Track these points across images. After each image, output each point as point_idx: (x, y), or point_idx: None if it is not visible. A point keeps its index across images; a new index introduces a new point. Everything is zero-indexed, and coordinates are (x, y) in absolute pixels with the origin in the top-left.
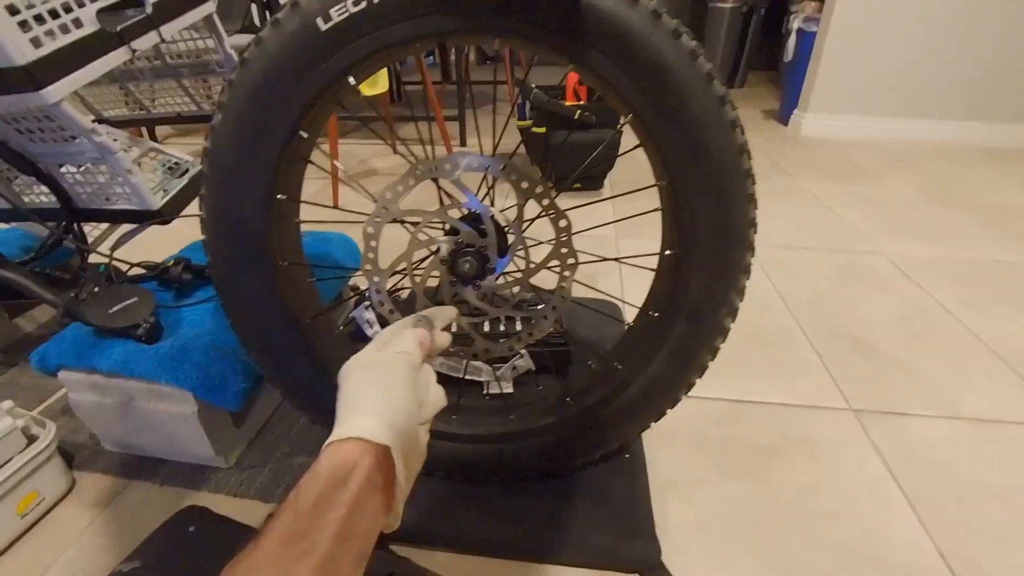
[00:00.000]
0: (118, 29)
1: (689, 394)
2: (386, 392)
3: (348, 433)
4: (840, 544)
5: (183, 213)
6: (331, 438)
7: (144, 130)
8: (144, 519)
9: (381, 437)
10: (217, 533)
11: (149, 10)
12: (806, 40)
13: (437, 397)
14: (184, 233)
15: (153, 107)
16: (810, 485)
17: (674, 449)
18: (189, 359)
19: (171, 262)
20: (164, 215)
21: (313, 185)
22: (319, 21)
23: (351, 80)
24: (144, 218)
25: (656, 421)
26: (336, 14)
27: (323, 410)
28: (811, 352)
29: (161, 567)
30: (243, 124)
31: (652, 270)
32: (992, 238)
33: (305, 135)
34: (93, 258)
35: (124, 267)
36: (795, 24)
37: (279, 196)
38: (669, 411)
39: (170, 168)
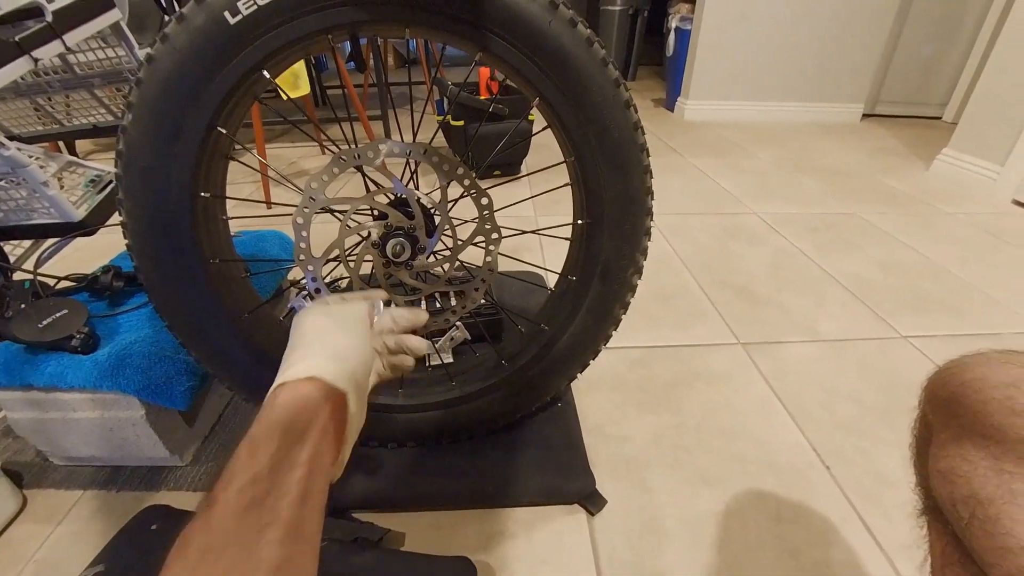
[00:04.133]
0: (16, 39)
1: (608, 345)
2: (346, 338)
3: (308, 372)
4: (740, 455)
5: (109, 223)
6: (283, 378)
7: (63, 147)
8: (104, 527)
9: (341, 382)
10: (181, 528)
11: (50, 18)
12: (683, 37)
13: (404, 362)
14: (115, 243)
15: (68, 121)
16: (712, 409)
17: (599, 394)
18: (130, 363)
19: (100, 271)
20: (88, 226)
21: (247, 187)
22: (227, 15)
23: (266, 74)
24: (68, 231)
25: (582, 372)
26: (244, 7)
27: None
28: (706, 300)
29: (126, 569)
30: (157, 123)
31: (567, 239)
32: (833, 195)
33: (224, 131)
34: (18, 276)
35: (52, 282)
36: (673, 23)
37: (203, 194)
38: (592, 362)
39: (92, 181)
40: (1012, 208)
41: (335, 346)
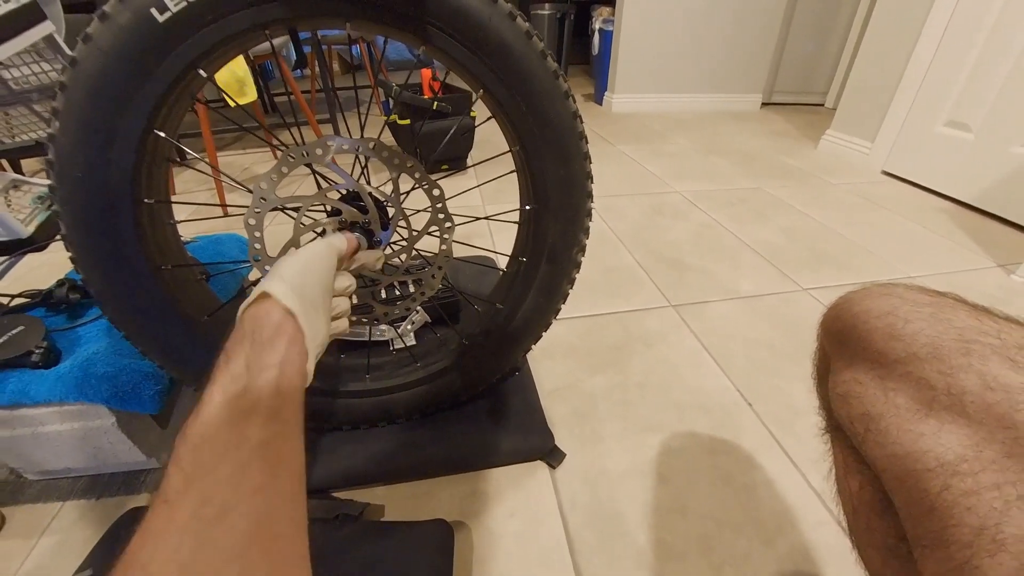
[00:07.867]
0: None
1: (558, 318)
2: (301, 265)
3: (260, 290)
4: (677, 402)
5: (59, 237)
6: (246, 303)
7: (8, 165)
8: (88, 534)
9: (288, 300)
10: None
11: None
12: (606, 37)
13: (344, 304)
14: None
15: (10, 138)
16: (651, 366)
17: (552, 361)
18: (94, 374)
19: (55, 286)
20: (37, 241)
21: (203, 195)
22: (154, 12)
23: (202, 73)
24: (16, 248)
25: (536, 343)
26: (173, 4)
27: None
28: (640, 271)
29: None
30: (87, 130)
31: (516, 223)
32: (742, 173)
33: (162, 134)
34: None
35: (6, 300)
36: (597, 25)
37: (146, 201)
38: (545, 333)
39: (39, 197)
40: (882, 178)
41: (287, 268)
